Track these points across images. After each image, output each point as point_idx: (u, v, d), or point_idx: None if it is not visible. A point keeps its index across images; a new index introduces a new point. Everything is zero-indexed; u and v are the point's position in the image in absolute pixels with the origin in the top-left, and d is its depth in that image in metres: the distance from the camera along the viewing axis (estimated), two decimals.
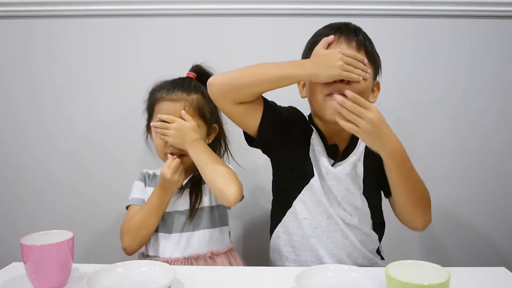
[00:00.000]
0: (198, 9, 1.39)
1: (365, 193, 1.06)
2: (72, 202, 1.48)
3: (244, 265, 1.20)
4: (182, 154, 1.14)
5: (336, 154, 1.06)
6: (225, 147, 1.27)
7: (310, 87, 1.04)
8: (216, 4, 1.38)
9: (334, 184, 1.04)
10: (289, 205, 1.07)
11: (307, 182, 1.05)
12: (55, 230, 0.88)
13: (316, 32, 1.07)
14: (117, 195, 1.33)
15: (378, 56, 1.06)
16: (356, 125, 0.88)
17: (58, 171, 1.48)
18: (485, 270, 0.92)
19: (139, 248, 1.15)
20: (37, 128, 1.46)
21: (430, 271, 0.71)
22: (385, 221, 1.11)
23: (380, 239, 1.10)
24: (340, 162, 1.06)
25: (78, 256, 0.90)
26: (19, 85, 1.45)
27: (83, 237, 1.41)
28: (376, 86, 1.08)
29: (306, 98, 1.08)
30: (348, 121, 0.89)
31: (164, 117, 1.12)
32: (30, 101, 1.45)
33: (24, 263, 0.83)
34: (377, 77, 1.08)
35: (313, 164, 1.05)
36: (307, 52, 1.06)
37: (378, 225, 1.10)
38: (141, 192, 1.19)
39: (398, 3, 1.37)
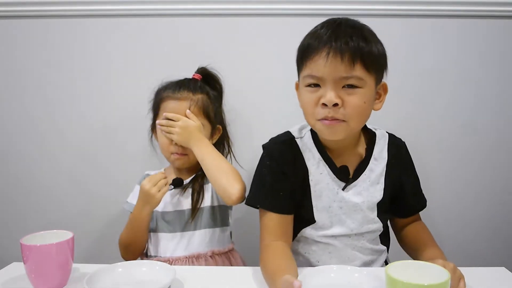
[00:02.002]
0: (200, 9, 1.38)
1: (379, 215, 1.01)
2: (71, 202, 1.48)
3: (245, 266, 1.20)
4: (185, 154, 1.14)
5: (347, 176, 0.98)
6: (229, 149, 1.27)
7: (303, 111, 0.95)
8: (219, 4, 1.38)
9: (346, 215, 0.98)
10: None
11: (309, 225, 1.00)
12: (55, 230, 0.89)
13: (309, 32, 0.94)
14: (117, 195, 1.33)
15: (383, 55, 0.93)
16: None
17: (57, 171, 1.48)
18: (485, 270, 0.93)
19: (136, 258, 1.15)
20: (46, 128, 1.46)
21: (430, 271, 0.71)
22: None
23: (387, 250, 1.08)
24: (351, 185, 0.98)
25: (78, 256, 0.90)
26: (31, 84, 1.44)
27: (83, 237, 1.41)
28: (382, 89, 0.96)
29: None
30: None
31: (170, 115, 1.12)
32: (39, 99, 1.44)
33: (24, 263, 0.84)
34: (383, 78, 0.96)
35: (314, 208, 0.98)
36: (301, 55, 0.94)
37: (385, 237, 1.08)
38: None
39: (398, 3, 1.37)
